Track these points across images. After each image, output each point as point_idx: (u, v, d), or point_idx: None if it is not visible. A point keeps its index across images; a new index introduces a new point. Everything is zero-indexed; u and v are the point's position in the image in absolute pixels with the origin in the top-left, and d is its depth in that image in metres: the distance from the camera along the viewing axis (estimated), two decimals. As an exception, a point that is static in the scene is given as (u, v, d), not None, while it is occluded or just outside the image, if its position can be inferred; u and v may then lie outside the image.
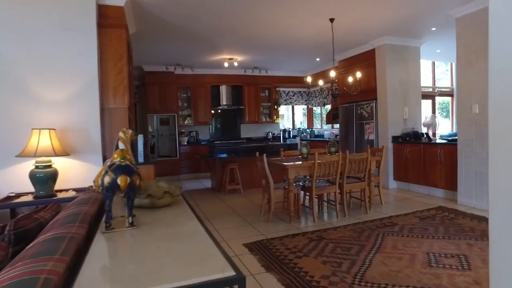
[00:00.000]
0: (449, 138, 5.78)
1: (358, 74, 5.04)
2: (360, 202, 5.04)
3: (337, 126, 8.08)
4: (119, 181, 1.59)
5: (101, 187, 1.63)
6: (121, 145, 1.74)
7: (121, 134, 1.80)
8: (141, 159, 4.22)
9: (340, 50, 7.10)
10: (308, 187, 4.49)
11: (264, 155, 4.43)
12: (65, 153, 3.29)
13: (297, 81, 9.75)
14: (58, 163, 3.32)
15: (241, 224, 4.47)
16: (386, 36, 6.17)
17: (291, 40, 6.22)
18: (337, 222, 4.35)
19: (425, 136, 6.04)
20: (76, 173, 3.52)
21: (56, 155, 3.17)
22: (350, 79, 5.26)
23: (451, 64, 9.44)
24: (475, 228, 3.86)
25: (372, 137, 6.64)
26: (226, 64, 7.68)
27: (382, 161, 5.06)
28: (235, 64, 7.78)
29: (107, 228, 1.61)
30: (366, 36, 6.13)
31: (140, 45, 6.13)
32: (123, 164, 1.66)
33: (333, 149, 4.92)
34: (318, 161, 4.27)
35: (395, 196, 5.75)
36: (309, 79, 5.22)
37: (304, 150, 4.82)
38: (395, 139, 6.33)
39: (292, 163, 4.38)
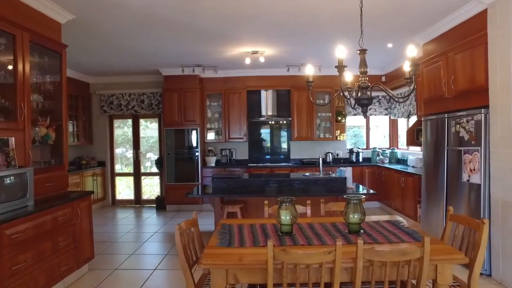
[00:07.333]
0: None
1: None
2: None
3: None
4: None
5: None
6: None
7: None
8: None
9: (422, 23, 4.15)
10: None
11: (191, 229, 2.14)
12: None
13: (372, 80, 6.80)
14: None
15: None
16: (510, -19, 3.07)
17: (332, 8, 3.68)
18: None
19: None
20: None
21: None
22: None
23: None
24: None
25: (476, 178, 3.50)
26: (248, 60, 5.47)
27: (478, 254, 2.16)
28: (261, 59, 5.48)
29: None
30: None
31: (105, 41, 4.50)
32: None
33: (353, 218, 2.28)
34: (290, 264, 1.77)
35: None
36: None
37: (285, 216, 2.30)
38: (527, 187, 3.12)
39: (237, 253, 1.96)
